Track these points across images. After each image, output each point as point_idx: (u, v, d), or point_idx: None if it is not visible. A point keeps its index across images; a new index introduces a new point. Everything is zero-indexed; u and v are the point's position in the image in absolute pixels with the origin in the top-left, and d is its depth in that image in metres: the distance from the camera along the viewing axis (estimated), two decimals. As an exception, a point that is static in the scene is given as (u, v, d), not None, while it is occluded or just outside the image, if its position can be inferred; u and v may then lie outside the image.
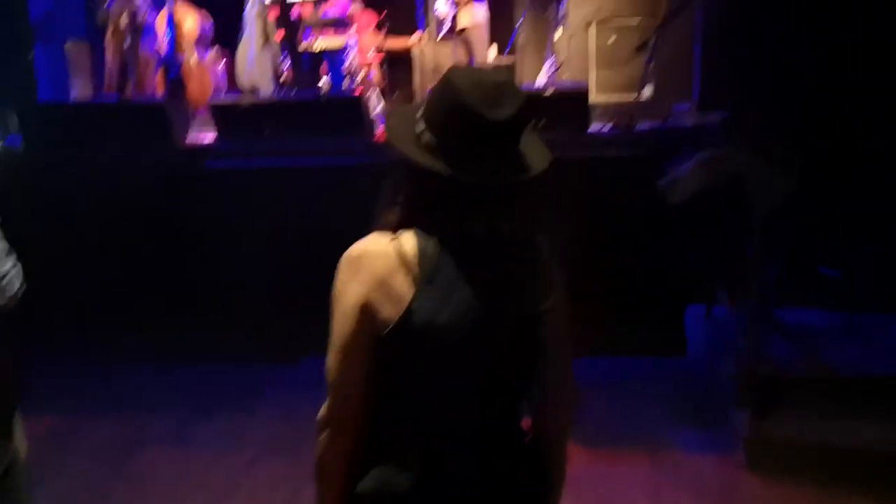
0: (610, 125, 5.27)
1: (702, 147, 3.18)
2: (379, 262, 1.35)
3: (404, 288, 1.33)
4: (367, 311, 1.34)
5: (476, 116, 1.31)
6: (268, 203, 4.52)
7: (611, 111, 6.85)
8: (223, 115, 5.01)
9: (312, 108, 5.09)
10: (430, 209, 1.37)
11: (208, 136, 5.37)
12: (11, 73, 6.83)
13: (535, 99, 4.74)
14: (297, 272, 4.33)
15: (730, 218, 2.82)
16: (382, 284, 1.34)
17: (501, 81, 1.35)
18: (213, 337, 4.53)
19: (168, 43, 6.50)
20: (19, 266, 2.20)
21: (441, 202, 1.36)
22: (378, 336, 1.34)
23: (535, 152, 1.41)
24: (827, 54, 3.66)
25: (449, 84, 1.36)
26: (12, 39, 6.88)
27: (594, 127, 5.07)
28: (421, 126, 1.37)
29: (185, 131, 5.27)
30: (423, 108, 1.41)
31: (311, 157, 4.77)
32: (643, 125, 5.12)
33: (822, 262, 3.55)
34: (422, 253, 1.34)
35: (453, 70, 1.39)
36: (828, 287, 3.50)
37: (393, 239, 1.36)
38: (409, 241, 1.36)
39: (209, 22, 6.79)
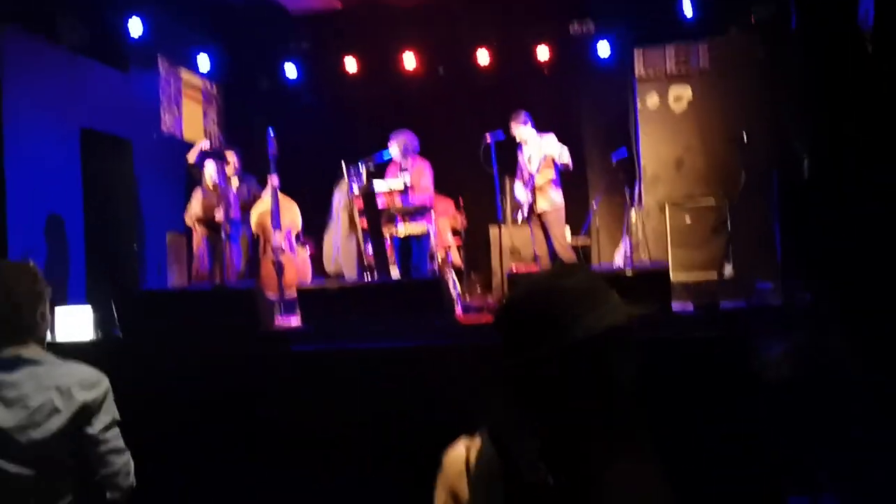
0: (692, 304, 5.23)
1: (790, 329, 3.11)
2: (452, 467, 1.40)
3: (465, 495, 1.36)
4: None
5: None
6: (352, 385, 4.55)
7: (691, 290, 6.83)
8: (310, 300, 5.19)
9: (394, 291, 5.24)
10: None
11: (295, 320, 5.54)
12: (118, 262, 7.35)
13: (615, 279, 4.78)
14: (385, 456, 4.28)
15: (828, 404, 2.69)
16: (453, 490, 1.38)
17: None
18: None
19: (274, 231, 6.93)
20: (132, 463, 2.29)
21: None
22: None
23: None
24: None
25: None
26: (121, 228, 7.48)
27: (676, 306, 5.03)
28: None
29: (273, 316, 5.46)
30: None
31: (393, 339, 4.84)
32: (726, 304, 5.05)
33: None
34: (480, 460, 1.36)
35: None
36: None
37: (467, 444, 1.41)
38: (475, 447, 1.39)
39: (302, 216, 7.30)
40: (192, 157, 7.45)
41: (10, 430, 2.14)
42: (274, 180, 7.08)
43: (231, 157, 7.50)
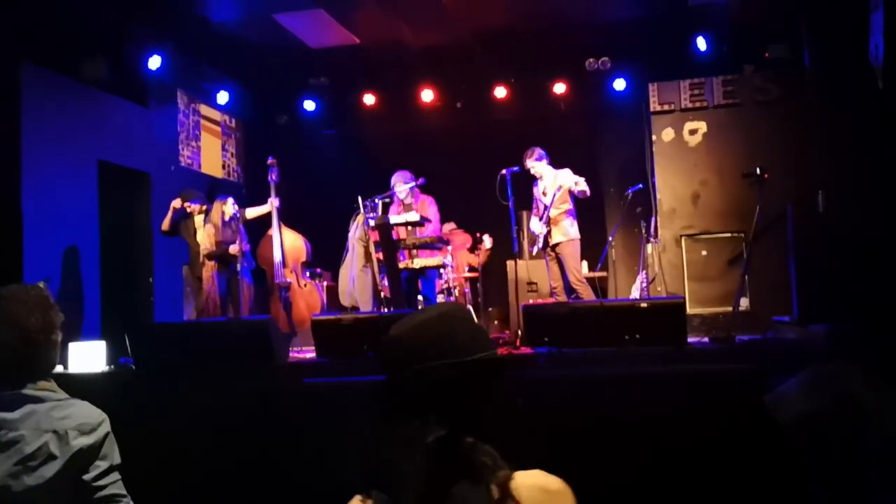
0: (708, 337, 5.18)
1: (807, 362, 3.05)
2: None
3: None
4: None
5: None
6: (365, 418, 4.51)
7: (707, 323, 6.77)
8: (324, 332, 5.17)
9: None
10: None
11: (309, 353, 5.53)
12: (133, 295, 7.39)
13: (632, 311, 4.73)
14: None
15: (843, 443, 2.62)
16: None
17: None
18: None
19: (278, 265, 6.94)
20: None
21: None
22: None
23: None
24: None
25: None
26: (137, 261, 7.53)
27: (691, 339, 4.98)
28: None
29: (287, 348, 5.45)
30: None
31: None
32: (742, 337, 5.00)
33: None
34: None
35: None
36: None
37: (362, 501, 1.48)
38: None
39: (309, 246, 7.29)
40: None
41: (4, 477, 2.05)
42: (276, 208, 7.03)
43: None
